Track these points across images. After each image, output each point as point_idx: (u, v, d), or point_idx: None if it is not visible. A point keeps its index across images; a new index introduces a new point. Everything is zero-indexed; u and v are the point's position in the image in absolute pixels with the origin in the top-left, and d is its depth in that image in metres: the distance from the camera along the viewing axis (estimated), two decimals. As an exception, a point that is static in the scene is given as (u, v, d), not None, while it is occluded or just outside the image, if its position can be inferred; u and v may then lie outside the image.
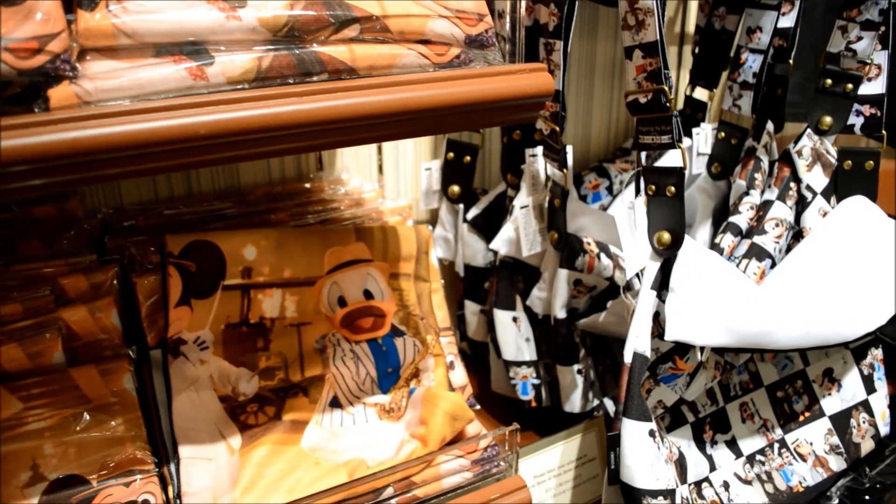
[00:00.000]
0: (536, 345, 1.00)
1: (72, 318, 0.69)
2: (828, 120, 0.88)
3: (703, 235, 1.01)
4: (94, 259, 0.73)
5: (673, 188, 0.76)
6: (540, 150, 0.93)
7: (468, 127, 1.00)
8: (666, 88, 0.73)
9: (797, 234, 0.88)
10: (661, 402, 0.82)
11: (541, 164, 0.93)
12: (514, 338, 0.99)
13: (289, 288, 0.78)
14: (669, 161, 0.79)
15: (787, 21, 0.96)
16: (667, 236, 0.77)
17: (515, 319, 0.99)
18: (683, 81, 1.29)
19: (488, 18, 0.63)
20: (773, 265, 0.84)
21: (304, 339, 0.78)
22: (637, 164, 0.80)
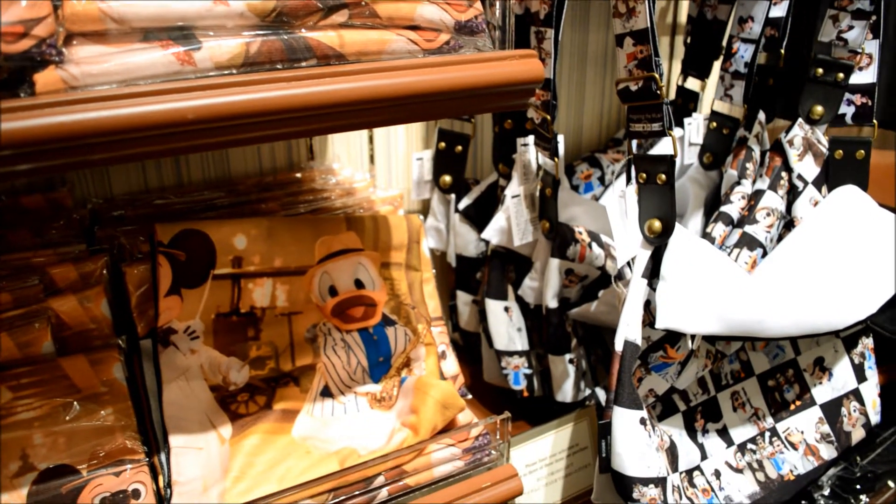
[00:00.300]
0: (528, 334, 1.00)
1: (61, 307, 0.69)
2: (819, 109, 0.88)
3: (694, 225, 1.01)
4: (84, 249, 0.73)
5: (664, 176, 0.76)
6: (531, 139, 0.93)
7: (458, 113, 1.00)
8: (657, 76, 0.73)
9: (788, 224, 0.88)
10: (653, 391, 0.82)
11: (532, 153, 0.93)
12: (505, 327, 0.99)
13: (279, 277, 0.78)
14: (660, 149, 0.79)
15: (779, 10, 0.95)
16: (658, 224, 0.77)
17: (507, 309, 0.99)
18: (675, 72, 1.29)
19: (478, 5, 0.62)
20: (765, 254, 0.84)
21: (294, 329, 0.78)
22: (628, 152, 0.80)
